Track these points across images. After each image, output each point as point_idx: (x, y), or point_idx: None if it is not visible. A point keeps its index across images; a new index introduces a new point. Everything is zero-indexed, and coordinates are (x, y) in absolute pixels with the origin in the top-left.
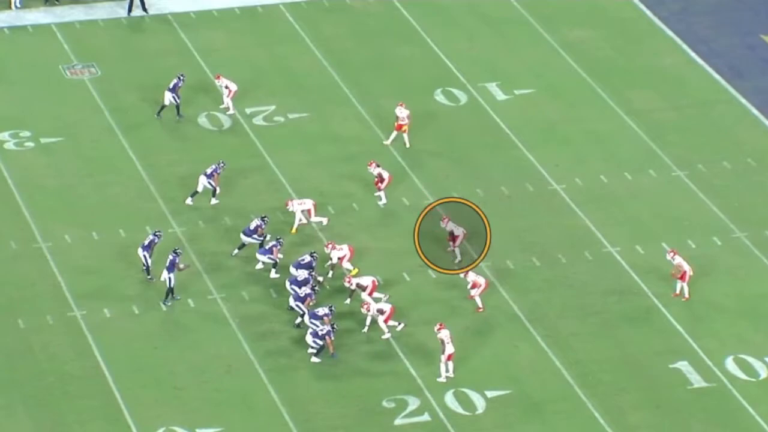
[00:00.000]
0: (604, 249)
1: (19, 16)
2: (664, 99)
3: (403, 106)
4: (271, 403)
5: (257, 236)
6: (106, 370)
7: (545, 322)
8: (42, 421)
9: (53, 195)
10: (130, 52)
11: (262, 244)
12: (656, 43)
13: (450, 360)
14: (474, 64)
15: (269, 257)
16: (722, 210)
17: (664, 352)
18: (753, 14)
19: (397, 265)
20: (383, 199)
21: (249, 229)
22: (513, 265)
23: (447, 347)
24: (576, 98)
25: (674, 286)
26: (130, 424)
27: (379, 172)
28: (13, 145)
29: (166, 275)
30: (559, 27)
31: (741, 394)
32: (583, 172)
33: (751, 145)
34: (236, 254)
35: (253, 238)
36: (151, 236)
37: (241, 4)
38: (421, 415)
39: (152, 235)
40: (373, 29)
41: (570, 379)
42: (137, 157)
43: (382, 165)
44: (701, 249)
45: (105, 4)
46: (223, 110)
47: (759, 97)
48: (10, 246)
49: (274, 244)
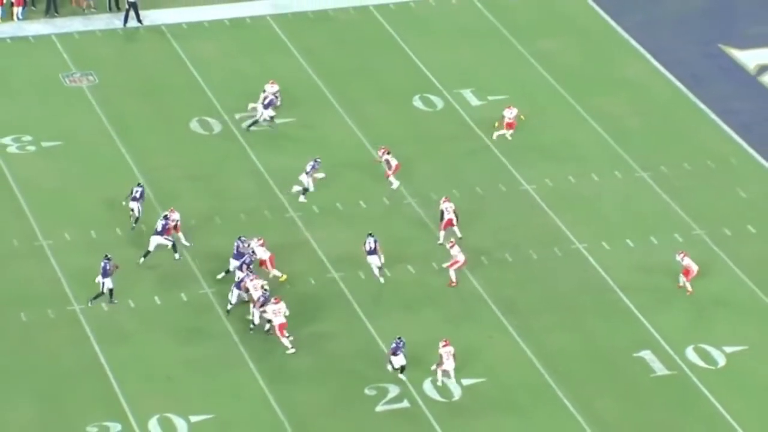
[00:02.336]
0: (573, 246)
1: (20, 27)
2: (629, 105)
3: (511, 108)
4: (259, 392)
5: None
6: (103, 361)
7: (518, 314)
8: (44, 410)
9: (53, 196)
10: (126, 61)
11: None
12: (621, 53)
13: (443, 375)
14: (450, 71)
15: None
16: (683, 209)
17: (628, 342)
18: (712, 25)
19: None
20: (394, 183)
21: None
22: (487, 261)
23: (446, 363)
24: (546, 104)
25: (678, 279)
26: (127, 412)
27: (387, 158)
28: (15, 148)
29: (101, 279)
30: (530, 37)
31: (701, 381)
32: (552, 173)
33: (710, 148)
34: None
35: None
36: (138, 188)
37: (231, 15)
38: (400, 402)
39: (139, 187)
40: (354, 39)
41: (541, 368)
42: (133, 160)
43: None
44: (663, 245)
45: (102, 16)
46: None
47: (717, 103)
48: (13, 244)
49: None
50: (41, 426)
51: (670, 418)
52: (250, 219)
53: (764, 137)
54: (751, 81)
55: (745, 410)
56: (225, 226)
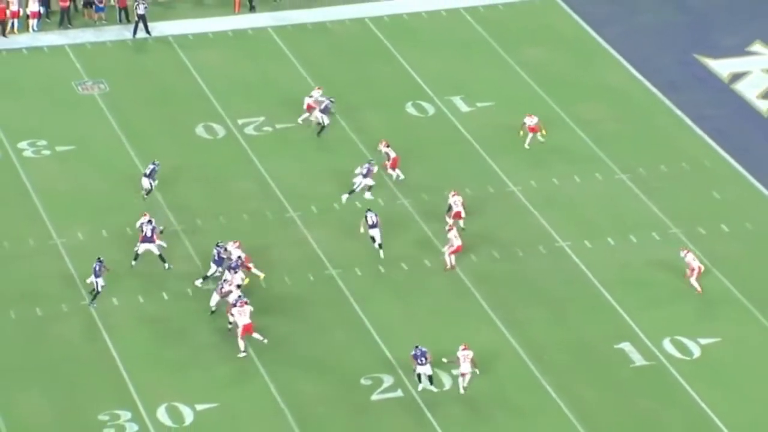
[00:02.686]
0: (557, 243)
1: (36, 38)
2: (609, 111)
3: (531, 116)
4: (261, 381)
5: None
6: (114, 353)
7: (505, 308)
8: (57, 401)
9: (67, 197)
10: (135, 70)
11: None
12: (602, 62)
13: (463, 376)
14: (440, 79)
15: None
16: (660, 209)
17: (609, 334)
18: (687, 36)
19: (373, 257)
20: (401, 175)
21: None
22: (476, 258)
23: (462, 366)
24: (531, 110)
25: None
26: (136, 401)
27: (386, 151)
28: (31, 152)
29: (93, 279)
30: (516, 47)
31: (677, 371)
32: (537, 175)
33: (685, 151)
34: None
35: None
36: (151, 166)
37: (234, 27)
38: (394, 391)
39: (152, 165)
40: (350, 49)
41: (527, 359)
42: (141, 164)
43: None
44: (641, 244)
45: (113, 28)
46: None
47: (692, 109)
48: (29, 243)
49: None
50: (56, 414)
51: (649, 406)
52: (253, 219)
53: (736, 141)
54: (724, 88)
55: (718, 398)
56: (229, 226)
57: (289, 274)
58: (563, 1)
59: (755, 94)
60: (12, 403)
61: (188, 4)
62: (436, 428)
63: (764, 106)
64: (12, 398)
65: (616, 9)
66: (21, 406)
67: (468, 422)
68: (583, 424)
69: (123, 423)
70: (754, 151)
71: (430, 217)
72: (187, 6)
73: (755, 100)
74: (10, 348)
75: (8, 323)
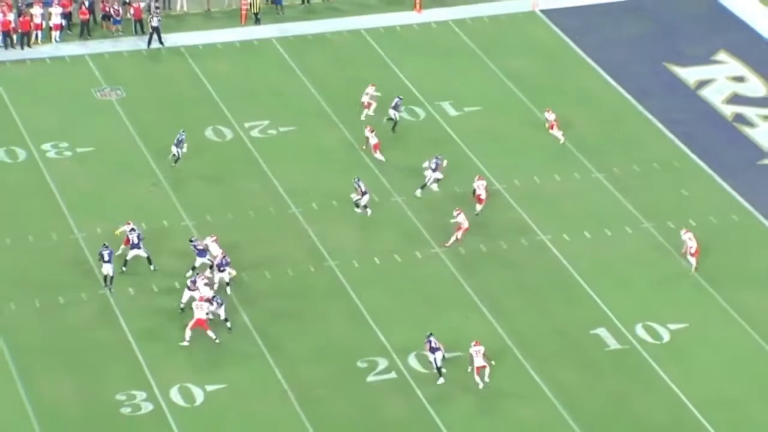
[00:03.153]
0: (538, 237)
1: (58, 49)
2: (585, 115)
3: (550, 111)
4: (266, 365)
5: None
6: (130, 338)
7: (490, 297)
8: (78, 382)
9: (87, 195)
10: (149, 77)
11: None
12: (579, 70)
13: (478, 373)
14: (431, 86)
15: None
16: (633, 205)
17: (585, 320)
18: (658, 47)
19: (369, 249)
20: (383, 158)
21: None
22: (464, 250)
23: (476, 360)
24: (514, 114)
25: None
26: (151, 383)
27: (368, 136)
28: (54, 154)
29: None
30: (500, 56)
31: (648, 354)
32: (520, 174)
33: (656, 152)
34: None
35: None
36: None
37: (240, 38)
38: (389, 373)
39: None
40: (348, 58)
41: (510, 343)
42: (155, 164)
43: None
44: (615, 237)
45: (129, 39)
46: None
47: (662, 114)
48: (52, 237)
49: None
50: (77, 394)
51: (623, 386)
52: (258, 215)
53: (703, 143)
54: (692, 94)
55: (685, 378)
56: (236, 221)
57: (291, 265)
58: (544, 14)
59: (720, 99)
60: (37, 385)
61: (199, 17)
62: (426, 406)
63: (728, 111)
64: (36, 380)
65: (592, 22)
66: (45, 388)
67: (456, 400)
68: (562, 404)
69: (139, 402)
70: (719, 152)
71: (421, 212)
72: (198, 19)
73: (720, 105)
74: (34, 333)
75: (33, 311)
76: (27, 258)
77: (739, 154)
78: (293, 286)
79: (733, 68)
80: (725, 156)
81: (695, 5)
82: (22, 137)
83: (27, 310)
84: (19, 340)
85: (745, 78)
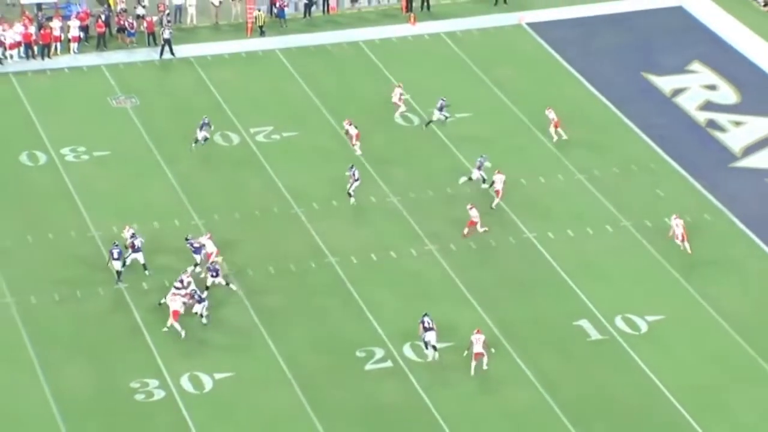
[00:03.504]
0: (524, 235)
1: (76, 59)
2: (568, 120)
3: (551, 110)
4: (270, 354)
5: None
6: (144, 330)
7: (480, 291)
8: (96, 369)
9: (103, 196)
10: (161, 86)
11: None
12: (562, 79)
13: (476, 359)
14: (424, 94)
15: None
16: (612, 204)
17: (568, 313)
18: (635, 57)
19: (366, 246)
20: (359, 150)
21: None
22: (455, 247)
23: (475, 347)
24: (502, 120)
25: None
26: (163, 371)
27: (347, 129)
28: (72, 157)
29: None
30: (489, 66)
31: (627, 344)
32: (507, 176)
33: (634, 154)
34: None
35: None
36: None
37: (246, 49)
38: (385, 362)
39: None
40: (347, 68)
41: (498, 334)
42: (167, 167)
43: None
44: (596, 235)
45: (142, 50)
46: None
47: (640, 119)
48: (71, 234)
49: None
50: (94, 382)
51: (603, 374)
52: (263, 214)
53: (677, 147)
54: (667, 101)
55: (662, 367)
56: (242, 220)
57: (294, 261)
58: (530, 27)
59: (693, 106)
60: (56, 373)
61: (207, 30)
62: (420, 392)
63: (701, 117)
64: (56, 369)
65: (574, 34)
66: (64, 376)
67: (447, 387)
68: (546, 390)
69: (152, 390)
70: (693, 155)
71: (416, 212)
72: (207, 31)
73: (693, 112)
74: (54, 325)
75: (53, 304)
76: (47, 254)
77: (711, 157)
78: (296, 281)
79: (706, 77)
80: (698, 159)
81: (671, 19)
82: (42, 142)
83: (47, 303)
84: (39, 332)
85: (717, 86)
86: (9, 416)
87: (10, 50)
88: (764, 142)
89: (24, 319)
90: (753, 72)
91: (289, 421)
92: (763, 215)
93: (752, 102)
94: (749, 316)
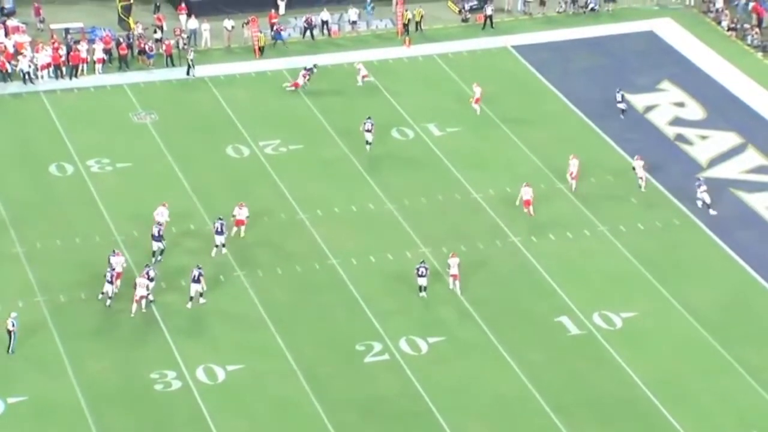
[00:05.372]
0: (509, 239)
1: (101, 79)
2: (550, 134)
3: (477, 84)
4: (278, 348)
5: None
6: (162, 325)
7: (469, 290)
8: (118, 361)
9: (125, 203)
10: (179, 103)
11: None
12: (544, 96)
13: (456, 279)
14: (418, 110)
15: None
16: (590, 211)
17: (550, 309)
18: (611, 76)
19: (366, 249)
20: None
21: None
22: (446, 250)
23: (452, 269)
24: (488, 134)
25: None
26: (180, 363)
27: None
28: (97, 168)
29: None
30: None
31: (604, 338)
32: (494, 185)
33: (610, 165)
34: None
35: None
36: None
37: (256, 69)
38: (383, 355)
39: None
40: (347, 87)
41: (486, 329)
42: (184, 177)
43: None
44: (576, 239)
45: (161, 70)
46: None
47: (614, 133)
48: (95, 239)
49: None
50: (117, 372)
51: (583, 366)
52: (271, 220)
53: (649, 159)
54: (640, 117)
55: (635, 359)
56: (252, 225)
57: (299, 263)
58: (515, 49)
59: (664, 122)
60: (83, 366)
61: (221, 52)
62: (414, 383)
63: (671, 132)
64: (82, 361)
65: (555, 56)
66: (91, 366)
67: (439, 378)
68: (530, 381)
69: (170, 380)
70: (663, 166)
71: (410, 218)
72: (220, 53)
73: (664, 127)
74: (80, 322)
75: (79, 302)
76: (74, 257)
77: (680, 168)
78: (301, 281)
79: (675, 95)
80: (669, 169)
81: (642, 42)
82: (70, 154)
83: (74, 301)
84: (67, 327)
85: (685, 104)
86: (39, 404)
87: (41, 71)
88: (728, 154)
89: (53, 316)
90: (718, 91)
91: (295, 408)
92: (726, 220)
93: (717, 118)
94: (714, 312)
